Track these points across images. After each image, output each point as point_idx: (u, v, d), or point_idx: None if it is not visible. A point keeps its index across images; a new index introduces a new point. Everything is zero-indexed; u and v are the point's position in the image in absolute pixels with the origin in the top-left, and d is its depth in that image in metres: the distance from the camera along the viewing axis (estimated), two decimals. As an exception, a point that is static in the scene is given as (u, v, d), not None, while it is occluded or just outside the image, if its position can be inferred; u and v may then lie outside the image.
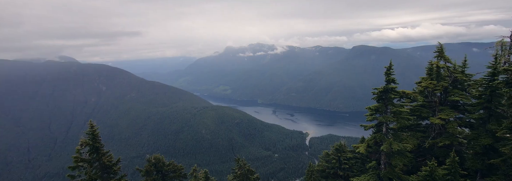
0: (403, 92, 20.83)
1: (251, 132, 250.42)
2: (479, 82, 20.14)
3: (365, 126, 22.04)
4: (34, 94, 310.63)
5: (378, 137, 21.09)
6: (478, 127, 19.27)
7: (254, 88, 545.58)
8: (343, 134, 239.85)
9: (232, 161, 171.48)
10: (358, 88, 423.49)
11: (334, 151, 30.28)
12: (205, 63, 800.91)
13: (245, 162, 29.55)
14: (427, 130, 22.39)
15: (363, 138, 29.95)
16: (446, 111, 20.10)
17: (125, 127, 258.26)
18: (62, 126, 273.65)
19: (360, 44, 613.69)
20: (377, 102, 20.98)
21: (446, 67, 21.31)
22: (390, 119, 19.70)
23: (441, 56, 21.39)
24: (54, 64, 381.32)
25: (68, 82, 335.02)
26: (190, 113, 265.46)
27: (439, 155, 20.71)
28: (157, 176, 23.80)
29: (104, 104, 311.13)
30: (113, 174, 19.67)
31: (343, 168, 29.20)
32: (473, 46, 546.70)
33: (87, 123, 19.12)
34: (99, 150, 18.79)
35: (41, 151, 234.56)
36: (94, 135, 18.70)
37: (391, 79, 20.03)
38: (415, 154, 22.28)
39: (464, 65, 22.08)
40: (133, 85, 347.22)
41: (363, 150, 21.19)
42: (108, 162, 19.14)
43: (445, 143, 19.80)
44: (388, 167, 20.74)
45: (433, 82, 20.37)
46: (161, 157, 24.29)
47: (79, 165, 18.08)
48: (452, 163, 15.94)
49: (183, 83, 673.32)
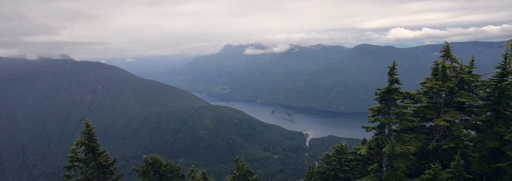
0: (406, 93, 20.74)
1: (250, 133, 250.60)
2: (487, 83, 19.71)
3: (367, 127, 21.92)
4: (28, 92, 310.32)
5: (380, 138, 21.03)
6: (485, 129, 18.96)
7: (254, 88, 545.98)
8: (344, 135, 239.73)
9: (231, 161, 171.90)
10: (360, 88, 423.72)
11: (334, 153, 30.27)
12: (203, 62, 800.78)
13: (244, 163, 29.53)
14: (431, 132, 22.18)
15: (364, 139, 29.98)
16: (452, 113, 19.78)
17: (122, 127, 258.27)
18: (57, 125, 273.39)
19: (363, 43, 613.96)
20: (379, 103, 20.90)
21: (452, 68, 20.82)
22: (393, 120, 19.61)
23: (447, 55, 20.93)
24: (48, 62, 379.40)
25: (63, 80, 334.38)
26: (188, 112, 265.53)
27: (443, 158, 20.50)
28: (154, 176, 23.77)
29: (100, 102, 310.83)
30: (109, 174, 19.68)
31: (344, 170, 29.21)
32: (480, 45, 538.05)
33: (83, 122, 19.11)
34: (95, 149, 18.77)
35: (36, 150, 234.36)
36: (90, 135, 18.69)
37: (394, 80, 19.95)
38: (418, 157, 22.20)
39: (472, 65, 21.62)
40: (130, 84, 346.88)
41: (364, 152, 21.13)
42: (104, 162, 19.13)
43: (450, 145, 19.53)
44: (390, 169, 20.69)
45: (439, 83, 20.07)
46: (158, 157, 24.24)
47: (75, 164, 18.08)
48: (457, 166, 15.88)
49: (181, 82, 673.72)
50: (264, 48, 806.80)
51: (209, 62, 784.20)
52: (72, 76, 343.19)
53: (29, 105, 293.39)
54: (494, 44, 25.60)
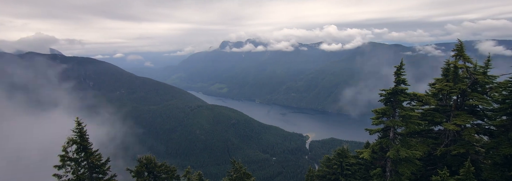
0: (414, 94, 20.54)
1: (248, 133, 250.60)
2: (503, 85, 18.78)
3: (370, 130, 21.81)
4: (14, 88, 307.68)
5: (385, 142, 20.95)
6: (499, 135, 18.36)
7: (252, 87, 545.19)
8: (346, 138, 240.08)
9: (228, 163, 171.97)
10: (362, 89, 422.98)
11: (336, 156, 30.18)
12: (199, 59, 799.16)
13: (241, 165, 29.43)
14: (440, 137, 21.86)
15: (367, 143, 29.94)
16: (463, 116, 19.26)
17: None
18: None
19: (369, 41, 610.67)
20: (384, 105, 20.77)
21: (465, 68, 19.90)
22: (399, 123, 19.44)
23: (460, 55, 19.96)
24: (35, 57, 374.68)
25: (52, 76, 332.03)
26: (183, 111, 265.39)
27: (452, 164, 20.19)
28: (149, 177, 23.70)
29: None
30: (102, 174, 19.62)
31: (345, 174, 29.14)
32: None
33: (74, 120, 18.99)
34: (87, 148, 18.70)
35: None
36: (82, 133, 18.61)
37: (401, 80, 19.80)
38: (425, 162, 22.03)
39: (487, 65, 20.55)
40: (123, 81, 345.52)
41: (367, 156, 21.00)
42: (97, 161, 19.06)
43: (459, 151, 19.14)
44: (394, 175, 20.62)
45: (449, 84, 19.47)
46: (152, 158, 24.15)
47: (66, 164, 17.98)
48: (466, 174, 15.59)
49: (176, 80, 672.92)
50: (264, 45, 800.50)
51: (206, 59, 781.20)
52: (62, 72, 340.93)
53: (16, 102, 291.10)
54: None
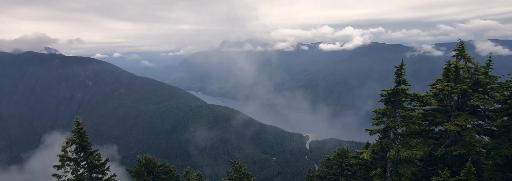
0: (414, 94, 20.59)
1: (247, 134, 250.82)
2: (505, 85, 18.77)
3: (370, 130, 21.86)
4: (14, 88, 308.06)
5: (385, 142, 20.99)
6: (501, 135, 18.30)
7: (252, 87, 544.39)
8: (346, 138, 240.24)
9: (227, 163, 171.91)
10: (364, 89, 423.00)
11: (336, 156, 30.24)
12: (199, 59, 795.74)
13: (241, 165, 29.49)
14: (441, 137, 21.83)
15: (368, 143, 30.00)
16: (464, 117, 19.25)
17: (114, 125, 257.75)
18: (46, 122, 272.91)
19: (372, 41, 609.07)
20: (385, 105, 20.80)
21: (466, 68, 19.92)
22: (399, 123, 19.49)
23: (461, 55, 19.96)
24: (34, 56, 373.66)
25: (51, 76, 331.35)
26: (183, 111, 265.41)
27: (453, 165, 20.16)
28: (148, 177, 23.75)
29: (90, 100, 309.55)
30: (101, 174, 19.68)
31: (346, 174, 29.19)
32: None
33: (73, 120, 19.07)
34: (86, 148, 18.75)
35: (24, 148, 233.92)
36: (81, 133, 18.68)
37: (401, 80, 19.83)
38: (425, 163, 22.07)
39: (488, 65, 20.59)
40: (122, 81, 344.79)
41: (367, 156, 21.07)
42: (96, 161, 19.12)
43: (460, 151, 19.10)
44: (394, 175, 20.66)
45: (450, 85, 19.38)
46: (152, 158, 24.21)
47: (65, 164, 18.04)
48: (467, 174, 15.51)
49: (176, 80, 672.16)
50: (264, 45, 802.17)
51: (206, 59, 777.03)
52: (61, 72, 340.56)
53: (15, 101, 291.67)
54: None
